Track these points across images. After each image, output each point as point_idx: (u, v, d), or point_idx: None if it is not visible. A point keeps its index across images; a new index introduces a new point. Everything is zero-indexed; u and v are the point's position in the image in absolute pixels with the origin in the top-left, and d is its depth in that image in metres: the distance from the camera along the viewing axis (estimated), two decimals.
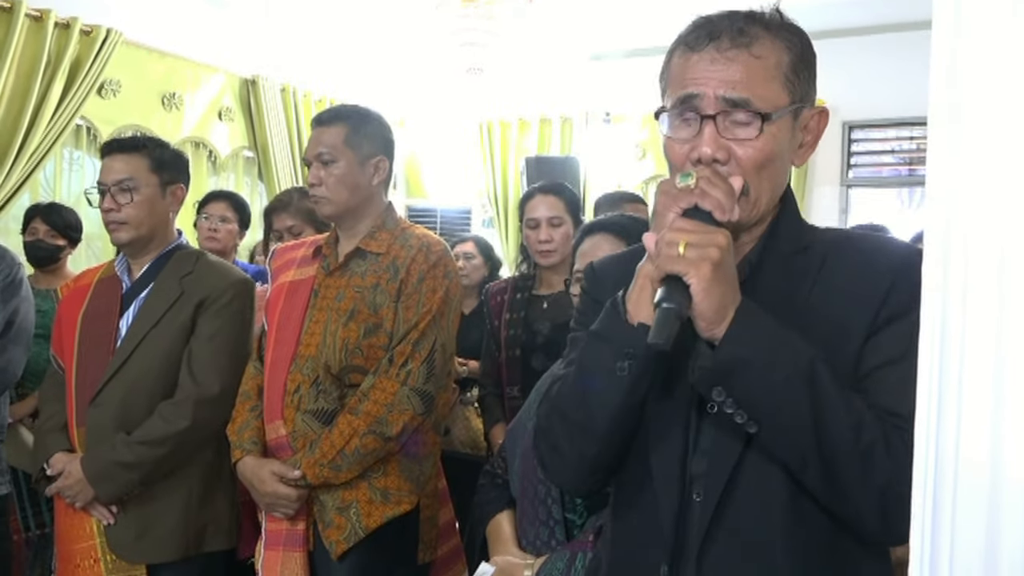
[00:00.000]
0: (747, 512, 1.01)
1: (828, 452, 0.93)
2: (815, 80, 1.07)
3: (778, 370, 0.92)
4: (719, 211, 0.96)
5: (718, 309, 0.92)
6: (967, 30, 0.56)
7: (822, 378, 0.92)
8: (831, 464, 0.93)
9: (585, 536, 1.50)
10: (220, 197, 3.36)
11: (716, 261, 0.91)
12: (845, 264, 1.03)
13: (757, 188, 1.03)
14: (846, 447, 0.92)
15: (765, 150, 1.01)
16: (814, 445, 0.93)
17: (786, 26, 1.06)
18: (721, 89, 1.01)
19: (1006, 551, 0.54)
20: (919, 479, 0.58)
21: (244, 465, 1.99)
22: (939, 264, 0.58)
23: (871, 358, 0.98)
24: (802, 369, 0.92)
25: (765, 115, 1.00)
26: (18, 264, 2.44)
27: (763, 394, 0.93)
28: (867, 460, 0.92)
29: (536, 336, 2.74)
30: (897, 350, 0.96)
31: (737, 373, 0.93)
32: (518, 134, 6.06)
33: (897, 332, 0.96)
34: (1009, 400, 0.54)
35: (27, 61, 3.84)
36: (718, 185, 0.98)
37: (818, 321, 1.00)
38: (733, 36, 1.02)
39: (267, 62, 5.15)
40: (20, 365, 2.41)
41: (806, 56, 1.05)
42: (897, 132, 5.10)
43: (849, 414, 0.92)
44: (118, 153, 2.16)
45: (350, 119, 2.07)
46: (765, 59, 1.02)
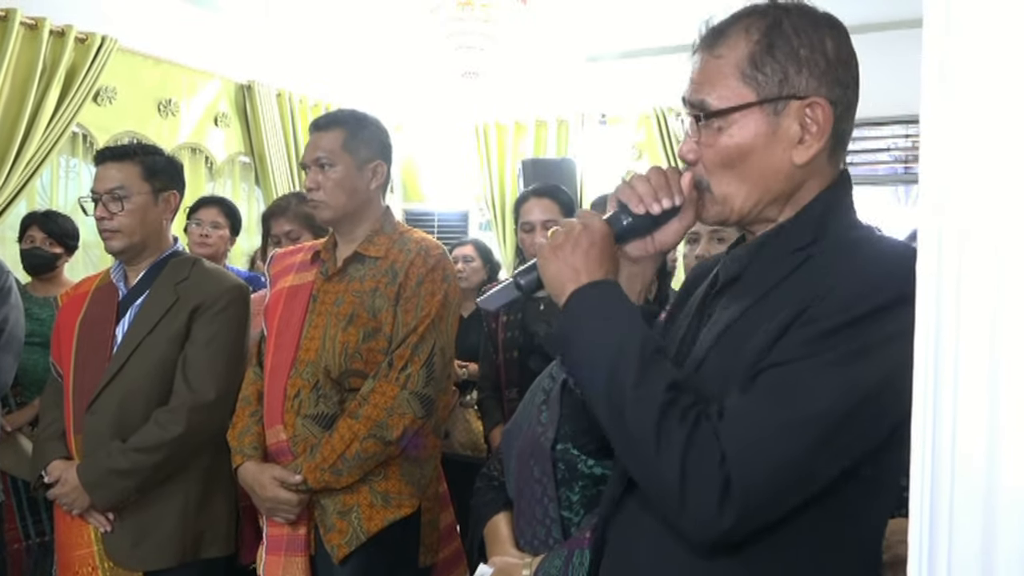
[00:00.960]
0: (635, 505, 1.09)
1: (613, 429, 0.97)
2: (810, 69, 1.01)
3: (589, 344, 1.00)
4: (633, 202, 1.08)
5: (554, 284, 1.05)
6: (957, 27, 0.56)
7: (623, 358, 0.96)
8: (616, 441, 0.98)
9: (582, 533, 1.50)
10: (211, 203, 3.35)
11: (556, 243, 1.05)
12: (819, 269, 1.00)
13: (722, 186, 1.04)
14: (625, 426, 0.95)
15: (722, 149, 1.02)
16: (607, 420, 0.98)
17: (772, 14, 1.03)
18: (688, 92, 1.05)
19: (1002, 551, 0.54)
20: (916, 480, 0.58)
21: (245, 470, 1.99)
22: (933, 261, 0.58)
23: (762, 361, 0.95)
24: (609, 346, 0.98)
25: (705, 115, 1.02)
26: (7, 272, 2.44)
27: (577, 366, 1.03)
28: (638, 444, 0.94)
29: (533, 338, 2.75)
30: (783, 356, 0.93)
31: (564, 343, 1.03)
32: (514, 137, 6.06)
33: (795, 338, 0.94)
34: (1004, 400, 0.54)
35: (22, 69, 3.83)
36: (646, 180, 1.08)
37: (754, 319, 0.99)
38: (706, 37, 1.05)
39: (263, 68, 5.15)
40: (11, 373, 2.40)
41: (779, 46, 1.01)
42: (892, 130, 5.11)
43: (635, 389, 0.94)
44: (110, 161, 2.17)
45: (347, 124, 2.07)
46: (724, 58, 1.02)
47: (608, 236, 1.06)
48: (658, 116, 5.45)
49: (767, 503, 0.92)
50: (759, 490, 0.90)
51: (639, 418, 0.93)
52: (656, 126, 5.48)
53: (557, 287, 1.04)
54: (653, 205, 1.07)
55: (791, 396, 0.91)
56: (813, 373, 0.91)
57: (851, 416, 0.91)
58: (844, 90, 1.03)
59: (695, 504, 0.91)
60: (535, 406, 1.71)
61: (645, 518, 1.05)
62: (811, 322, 0.93)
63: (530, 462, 1.63)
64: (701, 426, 0.92)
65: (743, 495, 0.89)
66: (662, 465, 0.92)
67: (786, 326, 0.95)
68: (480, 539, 1.71)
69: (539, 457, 1.61)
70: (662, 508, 0.97)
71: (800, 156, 1.02)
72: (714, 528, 0.91)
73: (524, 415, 1.74)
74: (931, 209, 0.58)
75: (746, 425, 0.91)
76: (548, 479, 1.59)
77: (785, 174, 1.04)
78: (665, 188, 1.07)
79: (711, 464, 0.90)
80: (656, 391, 0.94)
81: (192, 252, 3.18)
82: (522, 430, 1.71)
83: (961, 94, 0.57)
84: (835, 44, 1.03)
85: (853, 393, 0.90)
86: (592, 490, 1.56)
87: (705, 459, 0.90)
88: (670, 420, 0.92)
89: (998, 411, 0.54)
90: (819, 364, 0.91)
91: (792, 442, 0.90)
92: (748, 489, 0.89)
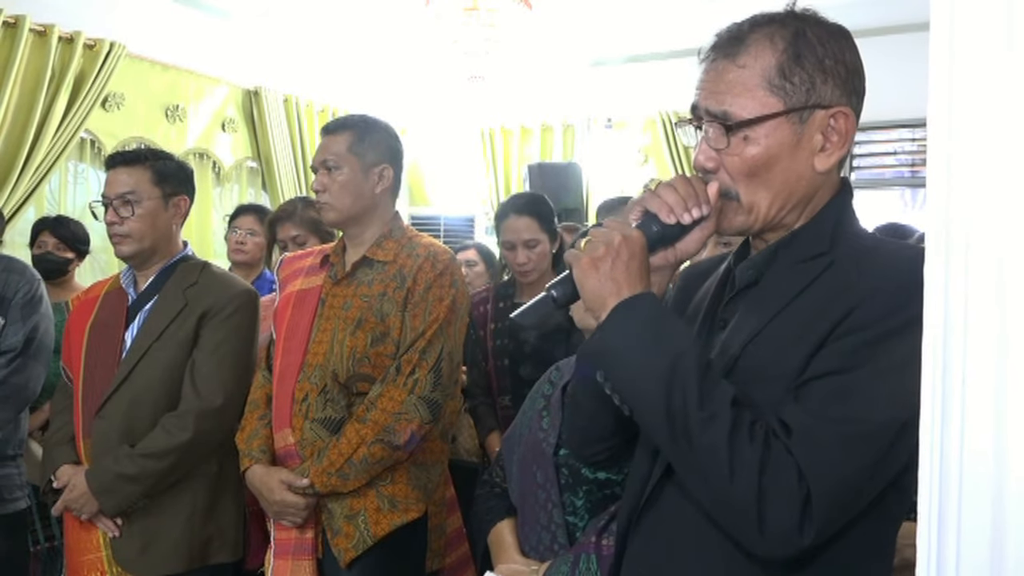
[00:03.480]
0: (675, 498, 1.06)
1: (677, 442, 0.95)
2: (835, 79, 1.02)
3: (639, 360, 0.97)
4: (663, 212, 1.05)
5: (594, 298, 1.01)
6: (963, 32, 0.56)
7: (681, 372, 0.94)
8: (679, 455, 0.96)
9: (587, 538, 1.50)
10: (249, 211, 3.41)
11: (596, 255, 1.00)
12: (845, 273, 1.01)
13: (749, 194, 1.04)
14: (691, 443, 0.93)
15: (749, 158, 1.02)
16: (666, 434, 0.95)
17: (793, 24, 1.03)
18: (706, 101, 1.04)
19: (1012, 549, 0.54)
20: (924, 479, 0.58)
21: (253, 474, 1.99)
22: (940, 264, 0.58)
23: (809, 371, 0.96)
24: (663, 361, 0.95)
25: (732, 125, 1.01)
26: (38, 280, 2.45)
27: (626, 381, 1.00)
28: (708, 457, 0.92)
29: (523, 346, 2.75)
30: (832, 365, 0.94)
31: (608, 358, 1.01)
32: (520, 141, 6.07)
33: (844, 346, 0.94)
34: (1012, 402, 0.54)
35: (31, 75, 3.86)
36: (674, 189, 1.04)
37: (786, 326, 1.00)
38: (724, 46, 1.04)
39: (269, 73, 5.16)
40: (40, 382, 2.41)
41: (806, 56, 1.02)
42: (899, 134, 5.10)
43: (700, 409, 0.92)
44: (120, 166, 2.18)
45: (356, 127, 2.09)
46: (749, 67, 1.02)
47: (645, 247, 1.04)
48: (664, 120, 5.45)
49: (840, 515, 0.92)
50: (835, 504, 0.90)
51: (710, 440, 0.92)
52: (662, 130, 5.48)
53: (598, 302, 1.01)
54: (684, 215, 1.04)
55: (852, 407, 0.91)
56: (869, 382, 0.92)
57: (905, 427, 0.90)
58: (859, 99, 1.05)
59: (775, 523, 0.90)
60: (535, 412, 1.71)
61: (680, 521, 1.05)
62: (858, 329, 0.94)
63: (533, 468, 1.63)
64: (772, 444, 0.91)
65: (822, 511, 0.89)
66: (737, 486, 0.90)
67: (827, 333, 0.95)
68: (484, 547, 1.71)
69: (542, 463, 1.61)
70: (733, 528, 0.95)
71: (822, 163, 1.04)
72: (793, 546, 0.90)
73: (524, 421, 1.74)
74: (938, 212, 0.58)
75: (815, 440, 0.91)
76: (552, 485, 1.58)
77: (807, 181, 1.05)
78: (694, 198, 1.05)
79: (790, 483, 0.89)
80: (722, 410, 0.92)
81: (230, 259, 3.24)
82: (523, 436, 1.71)
83: (968, 98, 0.57)
84: (852, 54, 1.04)
85: (906, 404, 0.88)
86: (596, 494, 1.56)
87: (783, 478, 0.90)
88: (741, 440, 0.91)
89: (1005, 413, 0.54)
90: (873, 372, 0.92)
91: (861, 455, 0.91)
92: (826, 504, 0.89)
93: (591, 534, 1.50)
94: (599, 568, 1.44)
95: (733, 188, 1.05)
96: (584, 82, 5.82)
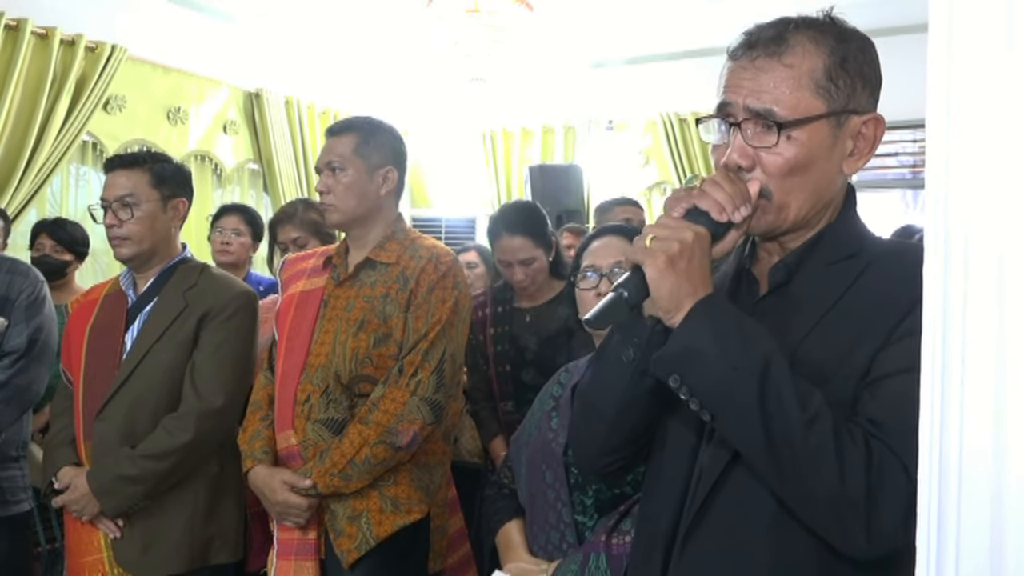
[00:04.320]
0: (732, 508, 1.03)
1: (775, 446, 0.93)
2: (869, 87, 1.05)
3: (728, 362, 0.94)
4: (716, 210, 1.00)
5: (670, 298, 0.97)
6: (961, 32, 0.57)
7: (775, 374, 0.93)
8: (778, 459, 0.93)
9: (597, 537, 1.50)
10: (233, 211, 3.38)
11: (673, 253, 0.96)
12: (884, 275, 1.02)
13: (783, 194, 1.04)
14: (792, 445, 0.92)
15: (791, 157, 1.02)
16: (762, 438, 0.93)
17: (832, 30, 1.05)
18: (749, 98, 1.03)
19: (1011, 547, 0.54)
20: (924, 477, 0.58)
21: (255, 474, 2.00)
22: (939, 263, 0.58)
23: (877, 369, 0.97)
24: (754, 363, 0.93)
25: (783, 124, 1.01)
26: (41, 282, 2.45)
27: (713, 384, 0.96)
28: (815, 459, 0.91)
29: (525, 351, 2.74)
30: (902, 364, 0.94)
31: (688, 362, 0.96)
32: (521, 143, 6.07)
33: (909, 346, 0.94)
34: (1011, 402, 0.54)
35: (33, 78, 3.87)
36: (721, 187, 1.01)
37: (840, 327, 1.00)
38: (767, 44, 1.04)
39: (271, 75, 5.17)
40: (43, 384, 2.41)
41: (853, 61, 1.03)
42: (901, 135, 5.10)
43: (802, 412, 0.91)
44: (119, 169, 2.18)
45: (360, 129, 2.10)
46: (796, 67, 1.02)
47: (710, 246, 1.01)
48: (665, 122, 5.45)
49: None
50: None
51: (817, 441, 0.91)
52: (663, 132, 5.49)
53: (673, 302, 0.97)
54: (735, 214, 1.01)
55: None
56: None
57: None
58: (879, 106, 1.07)
59: (886, 522, 0.90)
60: (544, 412, 1.71)
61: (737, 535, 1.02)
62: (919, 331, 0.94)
63: (542, 467, 1.63)
64: (873, 444, 0.91)
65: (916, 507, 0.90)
66: (848, 486, 0.90)
67: (890, 332, 0.96)
68: (491, 547, 1.71)
69: (551, 463, 1.61)
70: (836, 529, 0.94)
71: (850, 168, 1.06)
72: (897, 543, 0.90)
73: (533, 422, 1.75)
74: (937, 211, 0.58)
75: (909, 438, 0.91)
76: (561, 484, 1.59)
77: (836, 185, 1.07)
78: (742, 196, 1.02)
79: (898, 481, 0.89)
80: (823, 411, 0.92)
81: (215, 260, 3.21)
82: (532, 437, 1.71)
83: (966, 98, 0.57)
84: (878, 65, 1.07)
85: None
86: (606, 494, 1.56)
87: (891, 477, 0.90)
88: (845, 440, 0.91)
89: (1005, 411, 0.54)
90: None
91: None
92: None
93: (601, 533, 1.50)
94: (608, 567, 1.44)
95: (769, 187, 1.04)
96: (585, 84, 5.83)
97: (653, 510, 1.14)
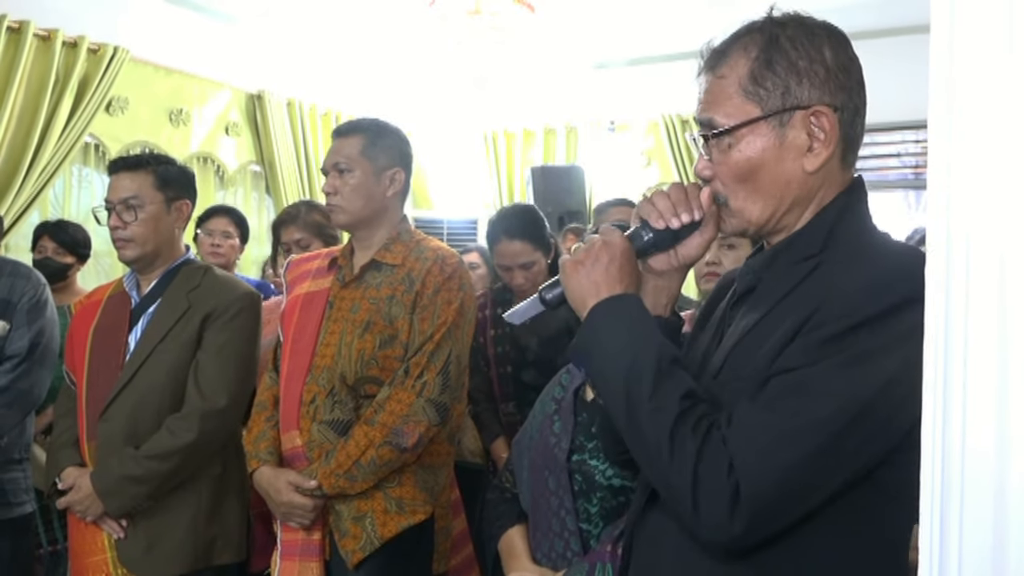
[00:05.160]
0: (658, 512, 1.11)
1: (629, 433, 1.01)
2: (810, 78, 1.03)
3: (610, 354, 1.03)
4: (653, 217, 1.12)
5: (575, 299, 1.10)
6: (963, 33, 0.57)
7: (637, 368, 1.00)
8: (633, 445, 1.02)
9: (602, 547, 1.48)
10: (221, 212, 3.38)
11: (577, 259, 1.10)
12: (827, 274, 1.02)
13: (738, 199, 1.08)
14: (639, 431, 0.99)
15: (735, 164, 1.06)
16: (624, 425, 1.01)
17: (768, 31, 1.05)
18: (700, 113, 1.09)
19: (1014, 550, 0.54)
20: (926, 479, 0.58)
21: (260, 475, 2.00)
22: (941, 265, 0.58)
23: (773, 367, 0.98)
24: (628, 356, 1.01)
25: (720, 132, 1.05)
26: (43, 285, 2.46)
27: (598, 374, 1.07)
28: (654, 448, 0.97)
29: (525, 352, 2.75)
30: (789, 363, 0.96)
31: (585, 354, 1.07)
32: (523, 144, 6.07)
33: (804, 344, 0.96)
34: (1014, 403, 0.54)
35: (36, 80, 3.87)
36: (666, 196, 1.12)
37: (767, 327, 1.02)
38: (709, 59, 1.09)
39: (273, 77, 5.18)
40: (45, 387, 2.42)
41: (778, 61, 1.03)
42: (903, 135, 5.09)
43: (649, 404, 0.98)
44: (123, 171, 2.19)
45: (368, 131, 2.11)
46: (727, 77, 1.06)
47: (628, 251, 1.10)
48: (667, 123, 5.45)
49: (776, 509, 0.94)
50: (767, 496, 0.92)
51: (654, 428, 0.97)
52: (665, 133, 5.48)
53: (579, 301, 1.09)
54: (672, 220, 1.11)
55: (795, 403, 0.93)
56: (817, 379, 0.93)
57: (855, 421, 0.92)
58: (848, 95, 1.05)
59: (707, 511, 0.94)
60: (546, 416, 1.69)
61: (669, 527, 1.07)
62: (816, 328, 0.96)
63: (544, 473, 1.60)
64: (711, 435, 0.95)
65: (751, 501, 0.92)
66: (675, 474, 0.95)
67: (794, 333, 0.97)
68: (495, 553, 1.69)
69: (554, 469, 1.58)
70: (677, 514, 1.01)
71: (811, 164, 1.05)
72: (726, 533, 0.94)
73: (534, 424, 1.72)
74: (939, 213, 0.58)
75: (752, 433, 0.94)
76: (564, 491, 1.56)
77: (798, 183, 1.06)
78: (684, 203, 1.11)
79: (720, 472, 0.93)
80: (671, 401, 0.97)
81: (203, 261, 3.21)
82: (533, 440, 1.69)
83: (968, 99, 0.57)
84: (833, 51, 1.05)
85: (856, 398, 0.92)
86: (611, 501, 1.53)
87: (715, 467, 0.93)
88: (683, 430, 0.95)
89: (1007, 412, 0.54)
90: (822, 370, 0.93)
91: (796, 449, 0.92)
92: (756, 496, 0.92)
93: (606, 542, 1.48)
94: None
95: (723, 194, 1.09)
96: (587, 85, 5.83)
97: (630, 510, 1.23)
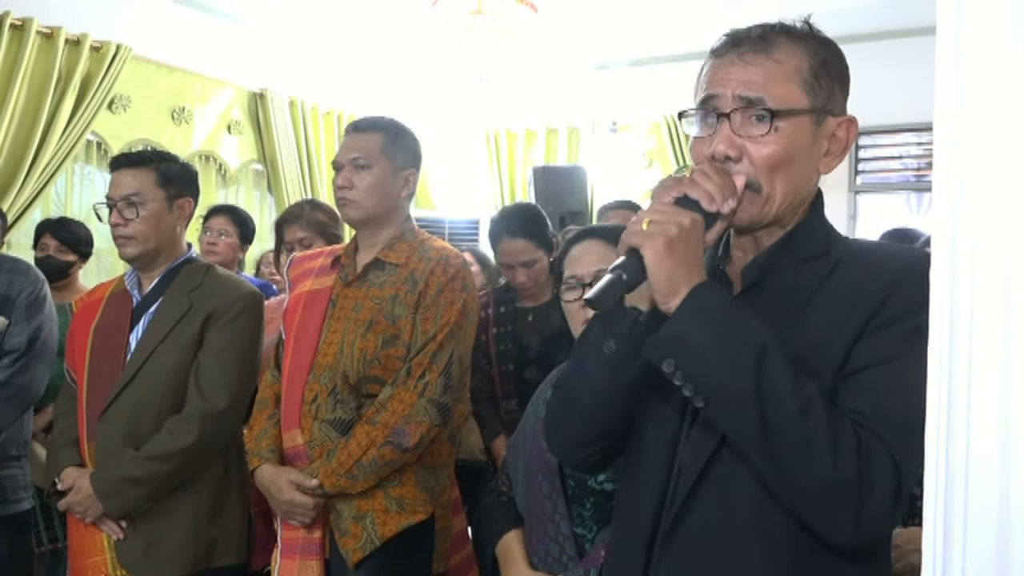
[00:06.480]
0: (714, 502, 1.03)
1: (769, 433, 0.93)
2: (845, 92, 1.09)
3: (724, 348, 0.95)
4: (706, 200, 1.00)
5: (668, 282, 0.96)
6: (969, 36, 0.56)
7: (770, 360, 0.93)
8: (771, 445, 0.94)
9: (597, 552, 1.47)
10: (221, 211, 3.39)
11: (671, 236, 0.96)
12: (854, 270, 1.04)
13: (770, 186, 1.05)
14: (787, 431, 0.92)
15: (778, 149, 1.04)
16: (756, 424, 0.93)
17: (813, 36, 1.09)
18: (739, 89, 1.05)
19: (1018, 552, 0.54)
20: (930, 482, 0.58)
21: (262, 473, 2.00)
22: (947, 267, 0.58)
23: (854, 361, 0.98)
24: (750, 349, 0.94)
25: (775, 112, 1.02)
26: (42, 281, 2.45)
27: (708, 369, 0.95)
28: (809, 446, 0.92)
29: (527, 350, 2.76)
30: (880, 355, 0.97)
31: (683, 346, 0.96)
32: (525, 144, 6.07)
33: (884, 337, 0.97)
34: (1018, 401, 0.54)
35: (38, 78, 3.88)
36: (710, 177, 1.01)
37: (814, 322, 1.02)
38: (754, 42, 1.06)
39: (275, 75, 5.18)
40: (43, 383, 2.41)
41: (832, 65, 1.07)
42: (905, 138, 5.10)
43: (796, 399, 0.92)
44: (125, 168, 2.17)
45: (388, 130, 2.10)
46: (784, 63, 1.05)
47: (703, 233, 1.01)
48: (668, 124, 5.45)
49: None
50: (910, 490, 0.93)
51: (812, 427, 0.91)
52: (667, 134, 5.49)
53: (670, 287, 0.96)
54: (724, 204, 1.01)
55: (906, 396, 0.92)
56: (913, 372, 0.91)
57: None
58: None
59: (875, 509, 0.92)
60: (539, 419, 1.68)
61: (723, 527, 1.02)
62: (893, 322, 0.97)
63: (538, 478, 1.60)
64: (861, 433, 0.93)
65: (905, 496, 0.93)
66: (841, 474, 0.91)
67: (863, 326, 0.98)
68: (492, 557, 1.68)
69: (547, 473, 1.58)
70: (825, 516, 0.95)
71: (826, 167, 1.08)
72: (885, 530, 0.95)
73: (528, 426, 1.72)
74: (944, 216, 0.58)
75: (894, 429, 0.93)
76: (558, 496, 1.56)
77: (813, 182, 1.10)
78: (731, 188, 1.02)
79: (887, 469, 0.92)
80: (816, 398, 0.93)
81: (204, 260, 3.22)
82: (527, 444, 1.69)
83: (973, 102, 0.57)
84: (849, 70, 1.10)
85: None
86: (605, 505, 1.53)
87: (881, 465, 0.92)
88: (837, 427, 0.92)
89: (1012, 415, 0.54)
90: (914, 363, 0.91)
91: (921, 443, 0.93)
92: (908, 490, 0.93)
93: (601, 548, 1.47)
94: None
95: (757, 179, 1.05)
96: (589, 85, 5.83)
97: (631, 507, 1.13)
